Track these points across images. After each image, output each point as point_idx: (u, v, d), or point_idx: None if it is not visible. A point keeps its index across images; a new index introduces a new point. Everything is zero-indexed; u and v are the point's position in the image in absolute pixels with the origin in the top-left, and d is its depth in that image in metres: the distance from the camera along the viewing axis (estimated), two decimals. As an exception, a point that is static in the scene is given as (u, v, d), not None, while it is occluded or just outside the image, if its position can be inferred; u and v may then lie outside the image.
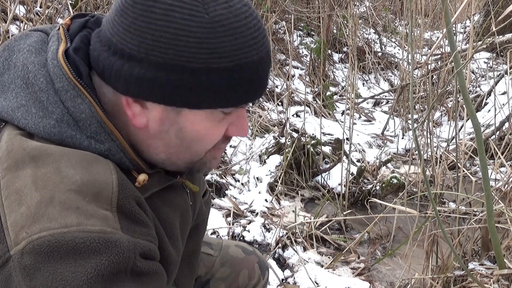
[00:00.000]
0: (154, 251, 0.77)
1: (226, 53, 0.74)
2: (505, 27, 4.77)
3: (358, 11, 6.51)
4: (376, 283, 2.30)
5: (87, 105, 0.76)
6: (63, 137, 0.76)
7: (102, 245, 0.68)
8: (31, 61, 0.78)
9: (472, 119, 1.76)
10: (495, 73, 4.34)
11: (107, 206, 0.72)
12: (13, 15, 2.59)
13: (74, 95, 0.76)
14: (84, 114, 0.76)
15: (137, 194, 0.78)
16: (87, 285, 0.66)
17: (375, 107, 5.06)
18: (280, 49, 5.05)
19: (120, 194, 0.74)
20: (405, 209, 2.19)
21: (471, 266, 2.00)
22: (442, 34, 2.18)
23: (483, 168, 1.78)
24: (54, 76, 0.76)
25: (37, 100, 0.76)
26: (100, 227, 0.69)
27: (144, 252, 0.74)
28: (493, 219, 1.81)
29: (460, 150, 2.69)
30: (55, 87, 0.76)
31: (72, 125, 0.76)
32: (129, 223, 0.74)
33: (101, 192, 0.72)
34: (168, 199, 0.90)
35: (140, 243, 0.73)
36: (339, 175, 3.02)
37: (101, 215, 0.71)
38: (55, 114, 0.76)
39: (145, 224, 0.77)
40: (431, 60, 4.68)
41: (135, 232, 0.74)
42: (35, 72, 0.77)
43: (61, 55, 0.78)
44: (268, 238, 2.47)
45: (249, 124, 3.67)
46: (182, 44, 0.72)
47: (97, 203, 0.71)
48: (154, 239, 0.78)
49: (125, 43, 0.74)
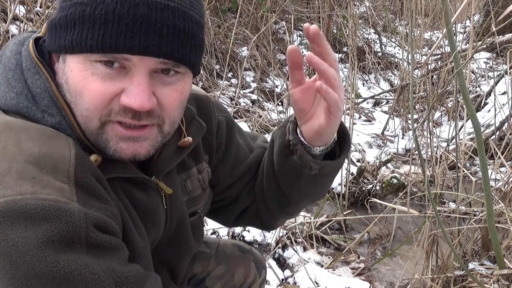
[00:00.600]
0: (111, 225, 0.76)
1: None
2: (505, 27, 4.77)
3: (358, 11, 6.51)
4: (376, 283, 2.30)
5: (43, 81, 0.80)
6: (19, 107, 0.80)
7: (52, 212, 0.69)
8: (11, 49, 0.85)
9: (472, 119, 1.76)
10: (495, 73, 4.34)
11: (64, 179, 0.73)
12: (13, 15, 2.59)
13: (34, 72, 0.81)
14: (39, 88, 0.80)
15: (96, 170, 0.79)
16: (38, 249, 0.67)
17: (375, 107, 5.06)
18: (280, 49, 5.05)
19: (77, 167, 0.75)
20: (406, 209, 2.19)
21: (471, 266, 2.00)
22: (442, 34, 2.18)
23: (483, 168, 1.78)
24: (23, 58, 0.82)
25: (6, 79, 0.82)
26: (55, 197, 0.71)
27: (98, 224, 0.73)
28: (493, 219, 1.81)
29: (460, 150, 2.69)
30: (22, 68, 0.82)
31: (29, 99, 0.80)
32: (86, 197, 0.74)
33: (59, 165, 0.74)
34: (131, 194, 0.88)
35: (94, 215, 0.73)
36: (339, 175, 3.01)
37: (57, 186, 0.72)
38: (16, 88, 0.81)
39: (104, 200, 0.77)
40: (431, 60, 4.68)
41: (92, 206, 0.74)
42: (10, 57, 0.83)
43: (31, 41, 0.84)
44: (268, 238, 2.47)
45: (249, 124, 3.67)
46: None
47: (55, 176, 0.73)
48: (113, 216, 0.78)
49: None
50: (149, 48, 0.74)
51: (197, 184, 1.07)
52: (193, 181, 1.06)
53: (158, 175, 0.93)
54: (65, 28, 0.76)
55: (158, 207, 0.94)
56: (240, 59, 4.45)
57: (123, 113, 0.77)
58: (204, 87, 3.99)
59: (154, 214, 0.93)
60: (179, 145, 0.95)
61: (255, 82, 4.43)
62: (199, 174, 1.07)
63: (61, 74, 0.80)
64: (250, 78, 4.51)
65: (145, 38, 0.73)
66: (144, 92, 0.76)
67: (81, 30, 0.74)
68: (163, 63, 0.77)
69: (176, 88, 0.81)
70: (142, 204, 0.90)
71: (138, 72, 0.76)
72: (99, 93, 0.76)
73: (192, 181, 1.05)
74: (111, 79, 0.76)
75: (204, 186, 1.09)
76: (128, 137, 0.79)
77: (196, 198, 1.08)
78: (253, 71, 4.57)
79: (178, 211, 1.00)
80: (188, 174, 1.05)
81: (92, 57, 0.75)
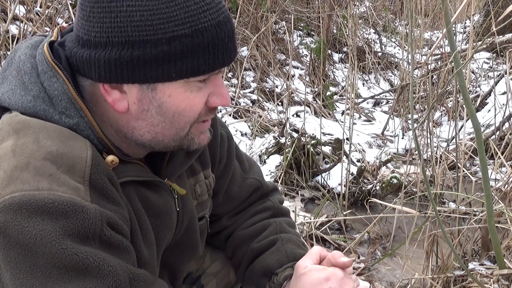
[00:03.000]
0: (122, 226, 0.79)
1: (181, 20, 0.77)
2: (505, 27, 4.77)
3: (358, 11, 6.51)
4: (376, 283, 2.30)
5: (60, 83, 0.82)
6: (37, 110, 0.82)
7: (70, 208, 0.73)
8: (24, 53, 0.86)
9: (472, 119, 1.76)
10: (495, 73, 4.34)
11: (79, 179, 0.77)
12: (13, 15, 2.59)
13: (50, 75, 0.82)
14: (56, 91, 0.82)
15: (110, 172, 0.82)
16: (56, 242, 0.70)
17: (375, 107, 5.06)
18: (280, 49, 5.05)
19: (93, 168, 0.78)
20: (406, 209, 2.19)
21: (471, 266, 2.00)
22: (442, 34, 2.18)
23: (483, 168, 1.78)
24: (38, 62, 0.84)
25: (21, 82, 0.84)
26: (70, 195, 0.74)
27: (111, 223, 0.77)
28: (493, 219, 1.81)
29: (460, 150, 2.69)
30: (38, 71, 0.83)
31: (46, 101, 0.82)
32: (99, 198, 0.78)
33: (75, 165, 0.77)
34: (146, 197, 0.90)
35: (108, 214, 0.76)
36: (339, 175, 3.01)
37: (72, 185, 0.75)
38: (32, 91, 0.82)
39: (116, 202, 0.80)
40: (431, 60, 4.68)
41: (105, 206, 0.77)
42: (25, 60, 0.85)
43: (46, 44, 0.85)
44: (268, 238, 2.47)
45: (249, 124, 3.67)
46: (137, 19, 0.76)
47: (70, 175, 0.76)
48: (124, 219, 0.81)
49: (89, 33, 0.80)
50: (229, 60, 0.84)
51: (204, 189, 1.09)
52: (201, 185, 1.08)
53: (170, 178, 0.96)
54: (168, 61, 0.79)
55: (172, 209, 0.96)
56: (240, 59, 4.45)
57: (209, 113, 0.88)
58: (204, 87, 3.98)
59: (168, 216, 0.95)
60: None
61: (255, 82, 4.43)
62: (206, 180, 1.10)
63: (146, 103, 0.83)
64: (250, 78, 4.50)
65: (229, 53, 0.83)
66: (226, 90, 0.88)
67: (192, 59, 0.79)
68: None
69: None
70: (156, 206, 0.92)
71: (218, 77, 0.86)
72: (200, 106, 0.85)
73: (201, 186, 1.08)
74: (202, 89, 0.85)
75: (209, 192, 1.11)
76: (207, 130, 0.91)
77: (204, 202, 1.10)
78: (253, 71, 4.56)
79: (188, 214, 1.02)
80: (196, 179, 1.07)
81: (194, 79, 0.82)
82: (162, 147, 0.89)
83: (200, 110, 0.86)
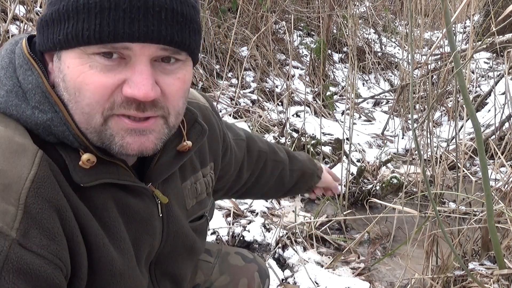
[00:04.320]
0: (38, 275, 0.67)
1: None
2: (505, 27, 4.78)
3: (358, 11, 6.51)
4: (376, 283, 2.30)
5: (35, 76, 0.77)
6: (8, 105, 0.76)
7: None
8: (5, 48, 0.82)
9: (472, 119, 1.76)
10: (495, 73, 4.34)
11: (14, 201, 0.67)
12: (13, 15, 2.59)
13: (26, 68, 0.77)
14: (30, 84, 0.76)
15: (58, 198, 0.72)
16: None
17: (375, 107, 5.06)
18: (280, 49, 5.05)
19: (31, 191, 0.69)
20: (406, 209, 2.19)
21: (471, 266, 1.99)
22: (442, 34, 2.18)
23: (483, 168, 1.78)
24: (16, 56, 0.79)
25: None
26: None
27: (21, 270, 0.65)
28: (493, 219, 1.81)
29: (460, 150, 2.69)
30: (15, 65, 0.78)
31: (20, 96, 0.76)
32: (31, 227, 0.67)
33: (11, 185, 0.68)
34: (125, 202, 0.84)
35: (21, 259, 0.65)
36: (339, 175, 3.01)
37: (0, 208, 0.66)
38: (6, 86, 0.77)
39: (51, 235, 0.69)
40: (431, 60, 4.68)
41: (33, 239, 0.67)
42: (4, 56, 0.80)
43: (25, 39, 0.81)
44: (268, 238, 2.47)
45: (249, 124, 3.67)
46: None
47: (4, 195, 0.67)
48: (53, 256, 0.69)
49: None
50: (148, 34, 0.71)
51: (204, 187, 1.05)
52: (201, 184, 1.04)
53: (154, 182, 0.89)
54: (58, 23, 0.73)
55: (153, 216, 0.90)
56: (240, 59, 4.45)
57: (126, 105, 0.74)
58: (204, 87, 3.99)
59: (149, 222, 0.89)
60: (178, 150, 0.92)
61: (255, 82, 4.43)
62: (204, 178, 1.06)
63: (57, 73, 0.76)
64: (250, 78, 4.50)
65: (144, 24, 0.70)
66: (147, 80, 0.73)
67: (76, 22, 0.70)
68: (164, 50, 0.74)
69: (178, 76, 0.78)
70: (136, 212, 0.85)
71: (138, 61, 0.73)
72: (100, 86, 0.72)
73: (200, 184, 1.04)
74: (111, 70, 0.73)
75: (208, 191, 1.08)
76: (134, 130, 0.75)
77: (204, 201, 1.06)
78: (253, 71, 4.56)
79: (175, 219, 0.96)
80: (196, 177, 1.03)
81: (90, 50, 0.72)
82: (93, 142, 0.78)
83: (108, 94, 0.73)
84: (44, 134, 0.76)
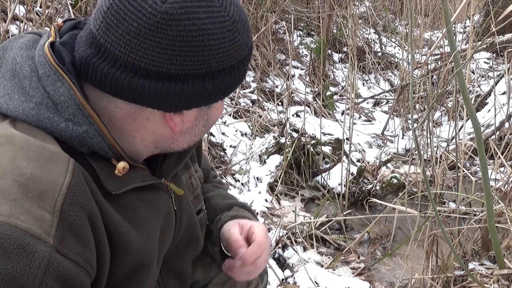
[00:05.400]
0: (74, 282, 0.69)
1: (244, 44, 0.83)
2: (505, 27, 4.77)
3: (358, 11, 6.51)
4: (376, 283, 2.30)
5: (66, 88, 0.77)
6: (41, 118, 0.76)
7: (15, 249, 0.64)
8: (19, 54, 0.80)
9: (472, 119, 1.76)
10: (495, 73, 4.34)
11: (49, 208, 0.69)
12: (13, 15, 2.59)
13: (54, 79, 0.77)
14: (62, 96, 0.76)
15: (91, 205, 0.74)
16: None
17: (375, 107, 5.06)
18: (280, 49, 5.05)
19: (67, 199, 0.70)
20: (405, 209, 2.19)
21: (471, 266, 1.99)
22: (442, 34, 2.17)
23: (483, 168, 1.78)
24: (38, 64, 0.78)
25: (20, 87, 0.77)
26: (30, 226, 0.66)
27: (60, 277, 0.67)
28: (493, 219, 1.81)
29: (460, 150, 2.69)
30: (39, 74, 0.77)
31: (51, 108, 0.76)
32: (66, 233, 0.69)
33: (47, 192, 0.69)
34: (150, 199, 0.88)
35: (59, 264, 0.67)
36: (339, 175, 3.01)
37: (37, 215, 0.67)
38: (35, 97, 0.76)
39: (85, 243, 0.72)
40: (431, 60, 4.68)
41: (69, 246, 0.69)
42: (22, 63, 0.79)
43: (46, 45, 0.79)
44: (268, 238, 2.47)
45: (249, 124, 3.67)
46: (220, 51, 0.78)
47: (40, 202, 0.68)
48: (86, 263, 0.72)
49: (160, 64, 0.75)
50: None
51: (198, 182, 1.10)
52: (195, 179, 1.09)
53: (166, 177, 0.94)
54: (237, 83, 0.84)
55: (171, 209, 0.95)
56: (240, 59, 4.44)
57: None
58: (204, 87, 3.98)
59: (169, 216, 0.94)
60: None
61: (255, 82, 4.43)
62: (196, 173, 1.11)
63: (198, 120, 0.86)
64: (250, 78, 4.50)
65: None
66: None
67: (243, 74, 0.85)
68: None
69: None
70: (159, 208, 0.91)
71: None
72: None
73: (195, 179, 1.08)
74: None
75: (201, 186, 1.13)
76: None
77: (199, 196, 1.11)
78: (253, 71, 4.56)
79: (186, 212, 1.01)
80: (190, 172, 1.08)
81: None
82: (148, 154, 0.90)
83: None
84: (78, 146, 0.78)
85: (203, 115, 0.85)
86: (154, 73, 0.75)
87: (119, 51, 0.75)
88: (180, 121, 0.83)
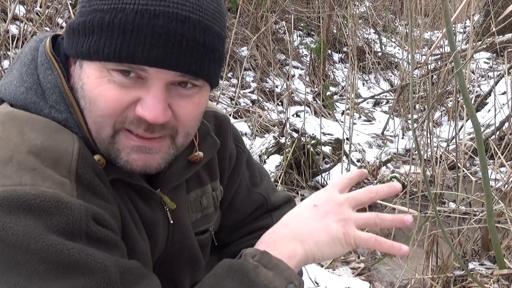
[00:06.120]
0: (110, 221, 0.75)
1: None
2: (505, 27, 4.77)
3: (358, 11, 6.51)
4: (376, 283, 2.30)
5: (54, 76, 0.80)
6: (27, 102, 0.79)
7: (53, 204, 0.69)
8: (29, 46, 0.85)
9: (472, 119, 1.76)
10: (495, 73, 4.34)
11: (65, 173, 0.73)
12: (13, 15, 2.59)
13: (47, 67, 0.81)
14: (49, 83, 0.80)
15: (98, 167, 0.78)
16: (40, 238, 0.67)
17: (375, 107, 5.06)
18: (280, 49, 5.05)
19: (79, 163, 0.74)
20: (405, 209, 2.19)
21: (471, 266, 2.00)
22: (442, 34, 2.18)
23: (483, 168, 1.78)
24: (39, 54, 0.82)
25: (19, 73, 0.82)
26: (55, 191, 0.70)
27: (98, 218, 0.73)
28: (493, 219, 1.81)
29: (460, 150, 2.69)
30: (37, 63, 0.82)
31: (39, 94, 0.80)
32: (86, 193, 0.74)
33: (60, 159, 0.73)
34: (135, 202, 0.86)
35: (94, 209, 0.72)
36: (339, 175, 3.01)
37: (57, 180, 0.71)
38: (27, 82, 0.81)
39: (104, 198, 0.76)
40: (431, 60, 4.68)
41: (92, 203, 0.73)
42: (27, 52, 0.84)
43: (49, 38, 0.84)
44: (268, 238, 2.47)
45: (249, 124, 3.67)
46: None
47: (55, 169, 0.72)
48: (112, 214, 0.77)
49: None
50: (166, 61, 0.73)
51: (211, 202, 1.04)
52: (208, 197, 1.03)
53: (164, 189, 0.90)
54: (83, 34, 0.76)
55: (159, 222, 0.91)
56: (240, 59, 4.45)
57: (137, 123, 0.77)
58: (204, 87, 3.98)
59: (154, 228, 0.90)
60: (190, 160, 0.93)
61: (255, 82, 4.43)
62: (213, 192, 1.05)
63: (76, 79, 0.79)
64: (250, 78, 4.51)
65: (163, 51, 0.72)
66: (159, 104, 0.75)
67: (99, 38, 0.73)
68: (181, 76, 0.76)
69: (193, 100, 0.80)
70: (143, 215, 0.87)
71: (154, 84, 0.75)
72: (114, 100, 0.75)
73: (207, 198, 1.03)
74: (127, 87, 0.75)
75: (216, 205, 1.07)
76: (140, 148, 0.78)
77: (209, 215, 1.05)
78: (253, 71, 4.57)
79: (182, 228, 0.96)
80: (203, 190, 1.02)
81: (109, 66, 0.75)
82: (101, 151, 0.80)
83: (122, 109, 0.76)
84: None
85: (78, 73, 0.79)
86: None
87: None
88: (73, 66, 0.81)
